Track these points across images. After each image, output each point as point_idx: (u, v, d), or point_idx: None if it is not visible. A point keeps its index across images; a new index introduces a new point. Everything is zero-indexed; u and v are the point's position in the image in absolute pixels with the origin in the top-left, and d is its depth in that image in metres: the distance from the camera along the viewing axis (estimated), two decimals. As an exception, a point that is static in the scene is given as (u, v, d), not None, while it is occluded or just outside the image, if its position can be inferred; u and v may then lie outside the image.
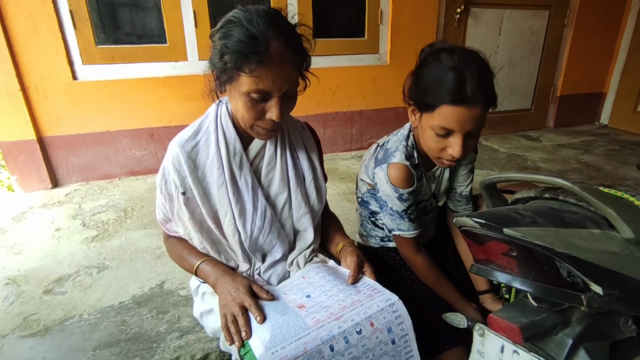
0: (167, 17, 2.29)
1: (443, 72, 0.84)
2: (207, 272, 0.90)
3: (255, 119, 0.80)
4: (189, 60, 2.42)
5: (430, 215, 1.17)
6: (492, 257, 0.73)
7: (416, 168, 1.00)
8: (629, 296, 0.65)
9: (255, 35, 0.72)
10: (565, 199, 0.74)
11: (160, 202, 0.91)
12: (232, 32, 0.73)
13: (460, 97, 0.82)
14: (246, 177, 0.89)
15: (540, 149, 2.93)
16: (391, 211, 1.01)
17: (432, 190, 1.09)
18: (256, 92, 0.75)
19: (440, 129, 0.87)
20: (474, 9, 2.88)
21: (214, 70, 0.79)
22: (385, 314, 0.81)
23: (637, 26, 3.21)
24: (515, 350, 0.73)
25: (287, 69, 0.76)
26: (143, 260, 1.60)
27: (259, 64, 0.72)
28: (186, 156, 0.84)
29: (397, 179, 0.96)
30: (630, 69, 3.30)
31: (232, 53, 0.72)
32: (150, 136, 2.48)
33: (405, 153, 0.97)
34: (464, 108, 0.83)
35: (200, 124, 0.88)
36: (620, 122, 3.44)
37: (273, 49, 0.73)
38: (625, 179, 2.35)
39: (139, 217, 1.99)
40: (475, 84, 0.82)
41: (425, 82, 0.88)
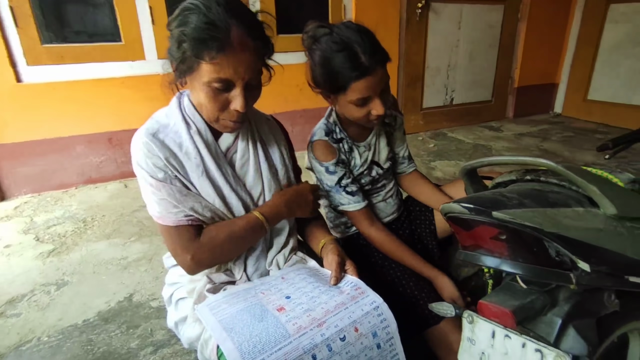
0: (120, 14, 2.15)
1: (335, 57, 0.91)
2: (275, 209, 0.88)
3: (219, 110, 0.75)
4: (148, 59, 2.29)
5: (387, 190, 1.19)
6: (481, 242, 0.72)
7: (339, 142, 1.07)
8: (615, 271, 0.66)
9: (214, 21, 0.68)
10: (547, 180, 0.75)
11: (153, 196, 0.79)
12: (190, 19, 0.69)
13: (362, 71, 0.90)
14: (225, 167, 0.85)
15: (503, 139, 3.05)
16: (327, 187, 1.06)
17: (371, 157, 1.12)
18: (218, 81, 0.71)
19: (359, 101, 0.94)
20: (434, 4, 2.94)
21: (173, 61, 0.74)
22: (370, 317, 0.78)
23: (584, 19, 3.41)
24: (507, 334, 0.72)
25: (249, 57, 0.72)
26: (108, 273, 1.48)
27: (219, 50, 0.68)
28: (159, 144, 0.77)
29: (318, 153, 1.04)
30: (579, 60, 3.51)
31: (190, 40, 0.68)
32: (109, 141, 2.32)
33: (325, 130, 1.05)
34: (368, 77, 0.91)
35: (166, 116, 0.82)
36: (572, 110, 3.64)
37: (234, 36, 0.69)
38: (583, 164, 2.48)
39: (100, 227, 1.85)
40: (366, 53, 0.89)
41: (324, 70, 0.94)
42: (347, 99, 0.95)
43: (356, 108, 0.96)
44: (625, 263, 0.66)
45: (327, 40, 0.92)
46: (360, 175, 1.12)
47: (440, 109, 3.32)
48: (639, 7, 3.01)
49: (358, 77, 0.90)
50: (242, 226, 0.83)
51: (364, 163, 1.11)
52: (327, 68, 0.93)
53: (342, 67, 0.90)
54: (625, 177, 0.72)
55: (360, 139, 1.12)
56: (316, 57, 0.95)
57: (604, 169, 0.75)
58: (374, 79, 0.91)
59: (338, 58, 0.90)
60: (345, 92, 0.94)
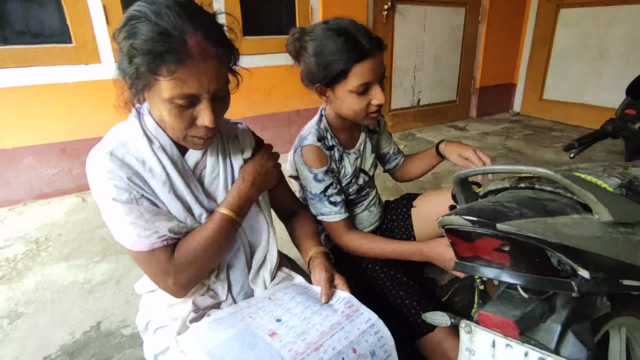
0: (69, 13, 1.98)
1: (335, 41, 0.90)
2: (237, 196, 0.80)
3: (186, 128, 0.68)
4: (103, 63, 2.12)
5: (370, 198, 1.17)
6: (482, 254, 0.70)
7: (331, 149, 1.04)
8: (611, 276, 0.66)
9: (167, 30, 0.60)
10: (542, 187, 0.75)
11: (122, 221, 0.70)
12: (138, 29, 0.60)
13: (363, 52, 0.90)
14: (195, 184, 0.78)
15: (469, 138, 3.14)
16: (311, 195, 1.02)
17: (359, 165, 1.11)
18: (181, 97, 0.63)
19: (360, 87, 0.92)
20: (399, 5, 2.97)
21: (125, 77, 0.65)
22: (367, 336, 0.75)
23: (537, 23, 3.60)
24: (508, 344, 0.71)
25: (212, 66, 0.64)
26: (69, 300, 1.34)
27: (178, 63, 0.60)
28: (120, 163, 0.68)
29: (309, 159, 1.00)
30: (534, 61, 3.70)
31: (143, 55, 0.59)
32: (62, 151, 2.13)
33: (317, 135, 1.02)
34: (371, 58, 0.91)
35: (121, 134, 0.73)
36: (529, 109, 3.84)
37: (192, 44, 0.61)
38: (544, 160, 2.61)
39: (56, 247, 1.68)
40: (365, 37, 0.90)
41: (323, 58, 0.92)
42: (348, 87, 0.92)
43: (356, 98, 0.94)
44: (620, 267, 0.66)
45: (323, 29, 0.92)
46: (348, 184, 1.08)
47: (408, 110, 3.37)
48: (587, 12, 3.22)
49: (360, 59, 0.89)
50: (211, 230, 0.76)
51: (353, 173, 1.09)
52: (326, 55, 0.91)
53: (343, 50, 0.89)
54: (613, 182, 0.73)
55: (349, 146, 1.09)
56: (310, 49, 0.93)
57: (592, 174, 0.76)
58: (375, 61, 0.91)
59: (338, 42, 0.89)
60: (347, 77, 0.91)
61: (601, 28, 3.15)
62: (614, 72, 3.14)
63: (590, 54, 3.26)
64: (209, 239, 0.75)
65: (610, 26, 3.09)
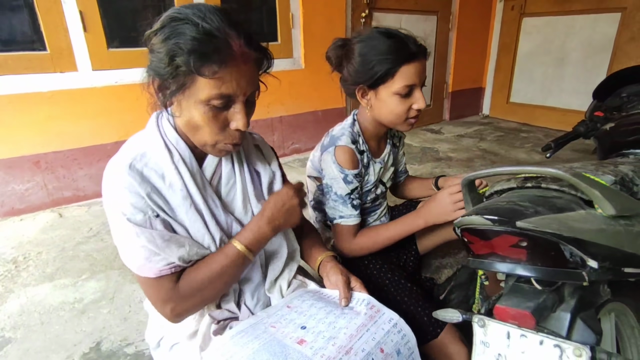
0: (44, 19, 1.88)
1: (385, 42, 0.93)
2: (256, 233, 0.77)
3: (219, 132, 0.68)
4: (80, 71, 2.03)
5: (382, 208, 1.20)
6: (499, 250, 0.75)
7: (361, 154, 1.05)
8: (615, 265, 0.72)
9: (212, 32, 0.62)
10: (548, 186, 0.80)
11: (131, 243, 0.68)
12: (182, 30, 0.61)
13: (412, 54, 0.93)
14: (213, 198, 0.77)
15: (445, 141, 3.26)
16: (335, 196, 1.02)
17: (381, 175, 1.14)
18: (219, 97, 0.64)
19: (405, 88, 0.95)
20: (376, 14, 3.06)
21: (155, 79, 0.65)
22: (392, 336, 0.78)
23: (502, 30, 3.81)
24: (523, 334, 0.76)
25: (250, 69, 0.67)
26: (61, 321, 1.27)
27: (221, 63, 0.62)
28: (139, 178, 0.67)
29: (343, 160, 1.00)
30: (500, 66, 3.91)
31: (188, 54, 0.60)
32: (36, 165, 2.02)
33: (351, 138, 1.02)
34: (417, 61, 0.94)
35: (142, 144, 0.72)
36: (498, 112, 4.04)
37: (235, 47, 0.63)
38: (518, 160, 2.75)
39: (38, 266, 1.59)
40: (413, 41, 0.94)
41: (372, 58, 0.94)
42: (392, 88, 0.94)
43: (399, 100, 0.96)
44: (623, 257, 0.73)
45: (372, 31, 0.95)
46: (367, 192, 1.10)
47: (385, 114, 3.45)
48: (548, 21, 3.45)
49: (407, 61, 0.92)
50: (221, 263, 0.73)
51: (375, 180, 1.11)
52: (373, 55, 0.93)
53: (392, 50, 0.92)
54: (608, 179, 0.80)
55: (376, 155, 1.11)
56: (357, 50, 0.95)
57: (589, 172, 0.82)
58: (421, 65, 0.94)
59: (387, 43, 0.93)
60: (393, 78, 0.94)
61: (561, 35, 3.38)
62: (574, 76, 3.38)
63: (551, 59, 3.49)
64: (217, 272, 0.73)
65: (569, 34, 3.33)
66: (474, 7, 3.67)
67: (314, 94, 2.90)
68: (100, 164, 2.15)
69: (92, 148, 2.13)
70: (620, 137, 1.21)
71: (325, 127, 3.06)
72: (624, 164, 0.91)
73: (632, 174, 0.84)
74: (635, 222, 0.75)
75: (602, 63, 3.17)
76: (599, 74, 3.17)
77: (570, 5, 3.26)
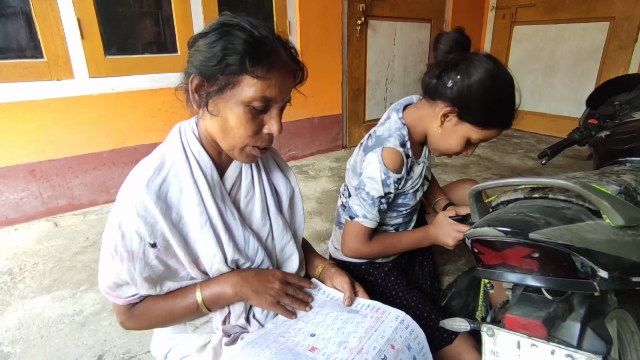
0: (41, 27, 1.86)
1: (503, 99, 0.92)
2: (218, 290, 0.76)
3: (252, 135, 0.69)
4: (77, 78, 2.01)
5: (416, 215, 1.20)
6: (511, 261, 0.76)
7: (407, 158, 1.04)
8: (624, 275, 0.74)
9: (263, 39, 0.65)
10: (555, 197, 0.82)
11: (109, 267, 0.71)
12: (235, 33, 0.64)
13: (508, 124, 0.96)
14: (232, 211, 0.77)
15: (440, 146, 3.30)
16: (366, 195, 1.01)
17: (425, 173, 1.14)
18: (261, 99, 0.66)
19: (477, 140, 0.98)
20: (372, 21, 3.09)
21: (196, 79, 0.67)
22: (401, 332, 0.79)
23: (494, 38, 3.89)
24: (534, 344, 0.77)
25: (290, 79, 0.71)
26: (61, 334, 1.24)
27: (271, 67, 0.65)
28: (155, 197, 0.67)
29: (390, 162, 0.99)
30: (492, 73, 3.97)
31: (242, 54, 0.63)
32: (31, 173, 1.98)
33: (399, 140, 1.00)
34: (501, 129, 0.97)
35: (163, 155, 0.72)
36: (490, 117, 4.10)
37: (282, 55, 0.68)
38: (511, 166, 2.80)
39: (34, 278, 1.56)
40: (512, 110, 0.95)
41: (486, 101, 0.91)
42: (473, 134, 0.96)
43: (463, 143, 0.98)
44: (631, 266, 0.74)
45: (505, 82, 0.93)
46: (416, 190, 1.11)
47: (381, 121, 3.48)
48: (538, 29, 3.53)
49: (501, 127, 0.96)
50: (178, 304, 0.76)
51: (420, 178, 1.12)
52: (491, 101, 0.91)
53: (502, 111, 0.93)
54: (613, 189, 0.82)
55: (418, 156, 1.11)
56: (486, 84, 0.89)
57: (593, 182, 0.84)
58: (499, 131, 0.97)
59: (504, 102, 0.93)
60: (483, 129, 0.95)
61: (551, 43, 3.46)
62: (563, 83, 3.45)
63: (542, 66, 3.56)
64: (169, 311, 0.76)
65: (559, 42, 3.41)
66: (466, 16, 3.74)
67: (310, 100, 2.90)
68: (95, 172, 2.12)
69: (88, 156, 2.10)
70: (616, 145, 1.23)
71: (321, 133, 3.10)
72: (626, 173, 0.93)
73: (635, 183, 0.86)
74: (642, 231, 0.76)
75: (591, 71, 3.25)
76: (588, 81, 3.25)
77: (560, 14, 3.34)
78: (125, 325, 0.79)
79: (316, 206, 2.19)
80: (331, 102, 3.06)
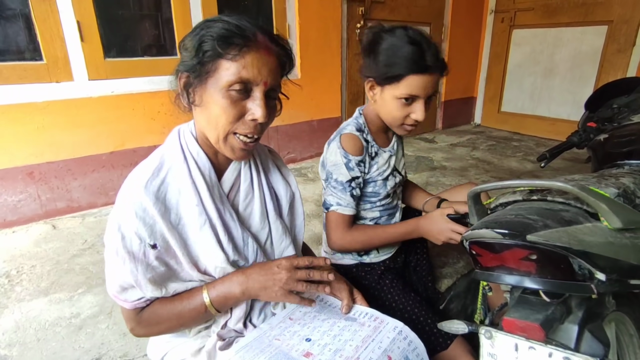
0: (41, 29, 1.86)
1: (404, 46, 0.93)
2: (225, 290, 0.75)
3: (235, 121, 0.67)
4: (76, 81, 2.01)
5: (399, 213, 1.20)
6: (509, 263, 0.75)
7: (367, 142, 1.06)
8: (622, 277, 0.74)
9: (240, 25, 0.65)
10: (554, 199, 0.81)
11: (114, 270, 0.70)
12: (214, 24, 0.66)
13: (424, 66, 0.93)
14: (230, 212, 0.77)
15: (439, 150, 3.30)
16: (335, 183, 1.03)
17: (394, 163, 1.14)
18: (239, 81, 0.65)
19: (407, 96, 0.96)
20: (371, 24, 3.09)
21: (183, 76, 0.68)
22: (398, 343, 0.78)
23: (493, 41, 3.90)
24: (531, 346, 0.76)
25: (273, 61, 0.68)
26: (58, 337, 1.24)
27: (244, 47, 0.64)
28: (154, 198, 0.67)
29: (347, 145, 1.02)
30: (491, 77, 3.98)
31: (214, 39, 0.64)
32: (29, 175, 1.98)
33: (356, 127, 1.05)
34: (426, 75, 0.94)
35: (162, 157, 0.72)
36: (489, 121, 4.11)
37: (259, 38, 0.66)
38: (510, 169, 2.80)
39: (32, 281, 1.55)
40: (432, 53, 0.94)
41: (387, 57, 0.95)
42: (396, 92, 0.96)
43: (399, 106, 0.98)
44: (629, 269, 0.74)
45: (402, 33, 0.95)
46: (385, 180, 1.11)
47: (380, 124, 3.48)
48: (537, 33, 3.54)
49: (417, 71, 0.93)
50: (185, 307, 0.75)
51: (388, 167, 1.12)
52: (391, 55, 0.94)
53: (407, 57, 0.93)
54: (612, 191, 0.82)
55: (384, 145, 1.12)
56: (383, 44, 0.96)
57: (592, 185, 0.84)
58: (429, 79, 0.95)
59: (407, 49, 0.93)
60: (399, 83, 0.95)
61: (549, 47, 3.47)
62: (562, 86, 3.46)
63: (541, 70, 3.57)
64: (177, 315, 0.75)
65: (557, 45, 3.42)
66: (465, 19, 3.75)
67: (310, 103, 2.92)
68: (94, 174, 2.12)
69: (87, 158, 2.10)
70: (614, 149, 1.24)
71: (320, 136, 3.10)
72: (625, 176, 0.93)
73: (634, 186, 0.86)
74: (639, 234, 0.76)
75: (590, 74, 3.26)
76: (587, 84, 3.26)
77: (558, 18, 3.35)
78: (136, 331, 0.76)
79: (315, 209, 2.18)
80: (330, 104, 3.07)
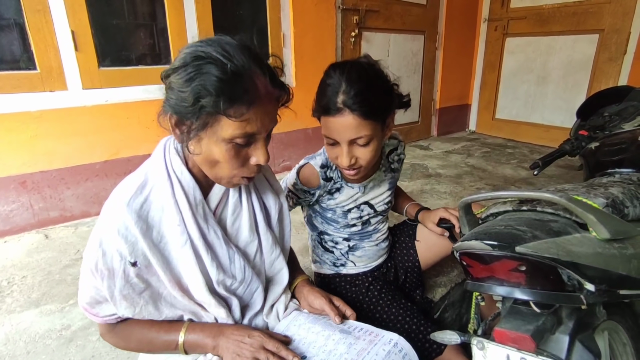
0: (35, 38, 1.86)
1: (323, 86, 0.89)
2: (200, 338, 0.75)
3: (238, 167, 0.69)
4: (70, 90, 2.01)
5: (380, 234, 1.18)
6: (499, 274, 0.76)
7: (329, 180, 1.04)
8: (611, 287, 0.74)
9: (239, 72, 0.61)
10: (543, 210, 0.82)
11: (89, 283, 0.71)
12: (207, 69, 0.60)
13: (331, 108, 0.86)
14: (215, 230, 0.76)
15: (434, 157, 3.31)
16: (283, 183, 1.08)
17: (364, 199, 1.10)
18: (243, 136, 0.64)
19: (327, 139, 0.92)
20: (366, 33, 3.12)
21: (174, 116, 0.65)
22: (393, 356, 0.78)
23: (487, 49, 3.94)
24: (523, 357, 0.76)
25: (273, 107, 0.68)
26: (48, 350, 1.22)
27: (250, 105, 0.62)
28: (136, 216, 0.67)
29: (303, 176, 1.04)
30: (485, 84, 4.02)
31: (215, 95, 0.60)
32: (22, 185, 1.96)
33: (323, 161, 1.03)
34: (335, 117, 0.86)
35: (146, 174, 0.72)
36: (484, 128, 4.14)
37: (260, 87, 0.64)
38: (505, 176, 2.81)
39: (22, 292, 1.53)
40: (347, 94, 0.84)
41: (316, 97, 0.93)
42: (322, 131, 0.94)
43: (328, 146, 0.96)
44: (618, 279, 0.74)
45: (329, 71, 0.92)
46: (348, 211, 1.10)
47: (375, 131, 3.49)
48: (530, 41, 3.58)
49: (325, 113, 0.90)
50: (160, 340, 0.76)
51: (352, 202, 1.10)
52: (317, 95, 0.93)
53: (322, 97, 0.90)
54: (600, 202, 0.83)
55: (354, 181, 1.08)
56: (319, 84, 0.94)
57: (581, 195, 0.85)
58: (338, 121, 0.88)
59: (324, 88, 0.89)
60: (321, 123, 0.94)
61: (542, 55, 3.51)
62: (555, 93, 3.50)
63: (534, 77, 3.61)
64: (149, 340, 0.76)
65: (550, 53, 3.46)
66: (459, 28, 3.79)
67: (304, 112, 2.91)
68: (87, 183, 2.10)
69: (80, 167, 2.09)
70: (605, 157, 1.25)
71: (315, 144, 3.10)
72: (614, 185, 0.93)
73: (622, 196, 0.86)
74: (628, 244, 0.77)
75: (582, 81, 3.29)
76: (580, 92, 3.29)
77: (551, 27, 3.39)
78: (105, 338, 0.79)
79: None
80: (326, 112, 3.07)
